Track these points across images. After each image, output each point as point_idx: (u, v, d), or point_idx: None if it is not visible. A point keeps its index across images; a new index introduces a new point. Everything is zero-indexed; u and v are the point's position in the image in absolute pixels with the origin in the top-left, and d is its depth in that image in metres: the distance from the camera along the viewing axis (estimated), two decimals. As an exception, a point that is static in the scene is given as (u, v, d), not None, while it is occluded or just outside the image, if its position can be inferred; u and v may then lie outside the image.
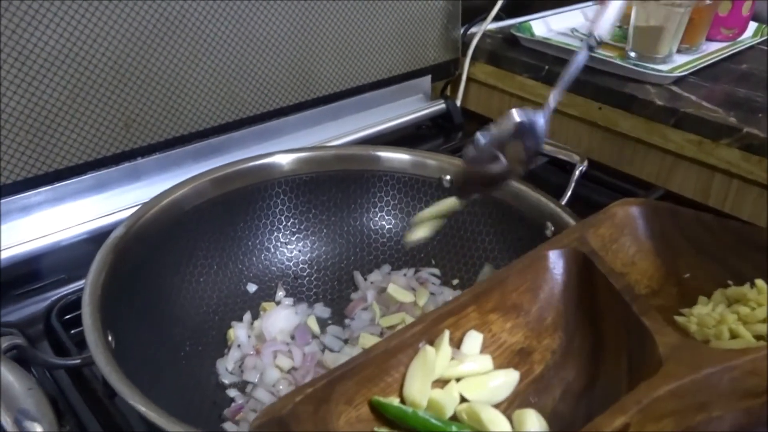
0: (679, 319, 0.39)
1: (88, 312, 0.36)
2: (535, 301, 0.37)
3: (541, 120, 0.43)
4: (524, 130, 0.42)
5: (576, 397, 0.34)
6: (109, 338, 0.36)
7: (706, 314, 0.38)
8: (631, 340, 0.34)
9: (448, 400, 0.33)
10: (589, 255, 0.37)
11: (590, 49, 0.45)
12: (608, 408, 0.29)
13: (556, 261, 0.38)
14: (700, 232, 0.43)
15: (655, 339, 0.32)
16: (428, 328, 0.34)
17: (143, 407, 0.31)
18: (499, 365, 0.36)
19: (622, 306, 0.34)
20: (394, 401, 0.32)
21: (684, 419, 0.30)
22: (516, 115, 0.42)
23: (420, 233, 0.46)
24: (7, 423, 0.28)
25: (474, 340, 0.35)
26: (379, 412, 0.31)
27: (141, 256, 0.45)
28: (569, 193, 0.55)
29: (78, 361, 0.38)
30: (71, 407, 0.43)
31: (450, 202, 0.47)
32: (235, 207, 0.52)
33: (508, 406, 0.34)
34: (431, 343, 0.34)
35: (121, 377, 0.33)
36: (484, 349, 0.36)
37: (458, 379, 0.34)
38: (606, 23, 0.46)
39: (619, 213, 0.42)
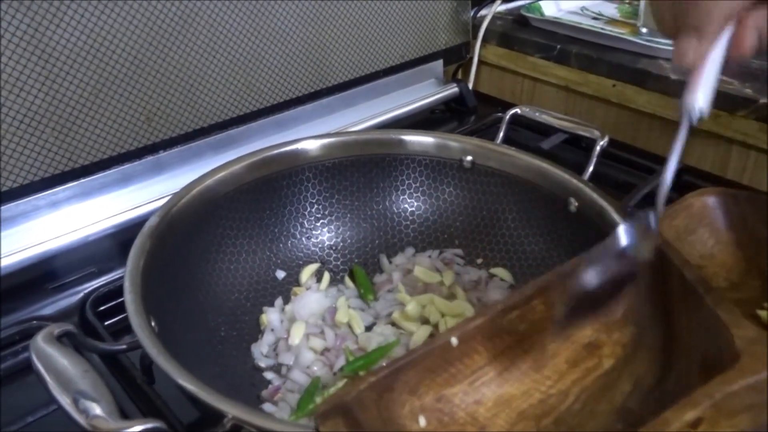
0: (761, 312, 0.38)
1: (130, 298, 0.37)
2: (605, 294, 0.37)
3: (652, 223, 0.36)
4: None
5: (646, 391, 0.34)
6: (152, 323, 0.37)
7: None
8: (705, 333, 0.33)
9: None
10: (662, 246, 0.36)
11: (691, 126, 0.37)
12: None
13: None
14: None
15: (731, 332, 0.30)
16: (491, 321, 0.34)
17: (194, 387, 0.32)
18: (566, 359, 0.35)
19: (695, 298, 0.33)
20: None
21: (760, 416, 0.29)
22: (623, 235, 0.35)
23: None
24: (66, 403, 0.29)
25: None
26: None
27: (174, 244, 0.46)
28: (591, 169, 0.56)
29: (125, 346, 0.39)
30: (111, 393, 0.44)
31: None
32: (261, 195, 0.53)
33: (575, 401, 0.34)
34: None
35: (169, 359, 0.34)
36: (551, 342, 0.35)
37: None
38: (706, 93, 0.37)
39: (696, 203, 0.40)
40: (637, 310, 0.36)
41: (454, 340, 0.32)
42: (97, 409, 0.29)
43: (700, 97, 0.36)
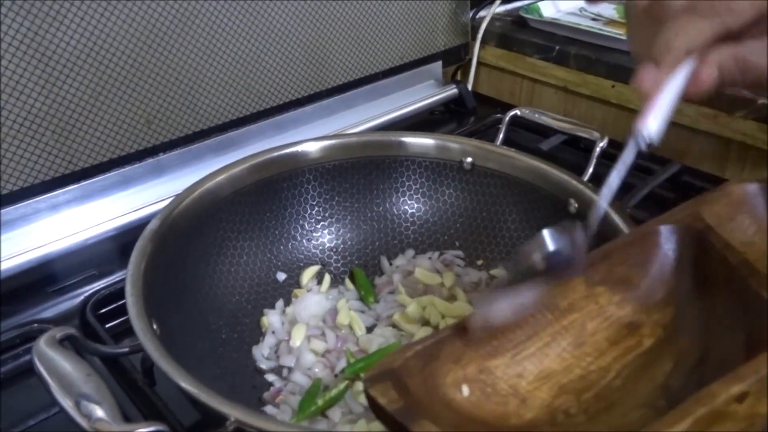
0: None
1: (132, 301, 0.37)
2: (645, 276, 0.37)
3: (580, 237, 0.34)
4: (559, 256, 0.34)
5: (688, 370, 0.34)
6: (154, 326, 0.37)
7: None
8: (748, 314, 0.33)
9: None
10: (704, 231, 0.36)
11: (640, 152, 0.37)
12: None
13: (668, 237, 0.37)
14: None
15: None
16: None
17: (197, 390, 0.32)
18: (606, 337, 0.35)
19: (738, 281, 0.34)
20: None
21: None
22: (549, 241, 0.34)
23: None
24: (69, 406, 0.29)
25: None
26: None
27: (175, 246, 0.46)
28: (591, 170, 0.56)
29: (127, 349, 0.39)
30: (114, 397, 0.44)
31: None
32: (262, 197, 0.53)
33: (616, 377, 0.34)
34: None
35: (171, 362, 0.34)
36: (590, 321, 0.35)
37: None
38: (657, 121, 0.36)
39: (736, 191, 0.40)
40: (677, 293, 0.37)
41: None
42: (99, 412, 0.29)
43: (652, 124, 0.36)
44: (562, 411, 0.33)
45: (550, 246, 0.33)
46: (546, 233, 0.34)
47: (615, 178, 0.36)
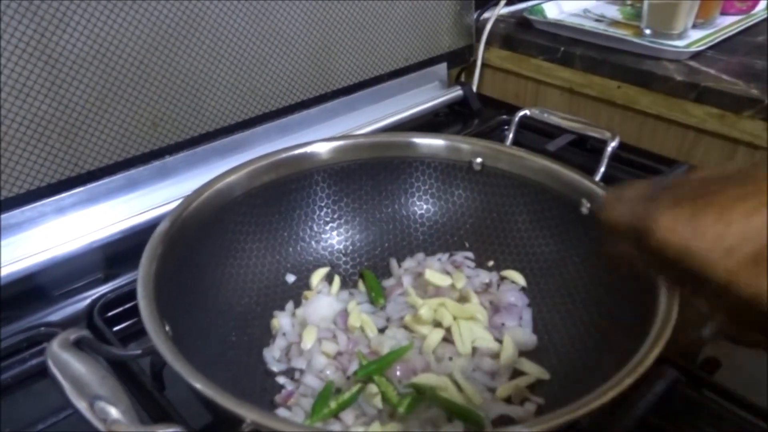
0: None
1: (144, 303, 0.37)
2: None
3: None
4: None
5: None
6: (167, 328, 0.36)
7: None
8: None
9: None
10: None
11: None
12: None
13: None
14: None
15: None
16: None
17: (213, 392, 0.32)
18: None
19: None
20: None
21: None
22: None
23: None
24: (84, 408, 0.29)
25: None
26: None
27: (185, 248, 0.45)
28: (603, 170, 0.56)
29: (139, 351, 0.39)
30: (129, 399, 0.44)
31: None
32: (271, 198, 0.53)
33: None
34: None
35: (185, 364, 0.33)
36: None
37: None
38: None
39: None
40: None
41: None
42: (116, 414, 0.28)
43: None
44: None
45: None
46: None
47: None
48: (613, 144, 0.57)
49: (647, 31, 0.83)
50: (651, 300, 0.40)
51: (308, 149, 0.53)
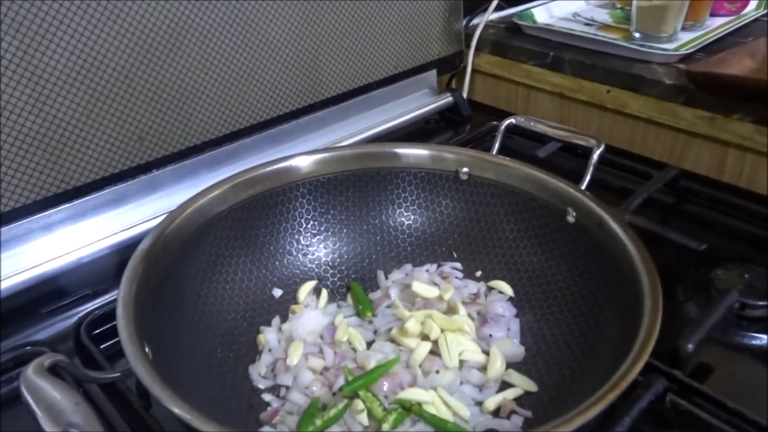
0: None
1: (123, 324, 0.37)
2: None
3: None
4: None
5: None
6: (146, 349, 0.36)
7: None
8: None
9: None
10: None
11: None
12: None
13: None
14: None
15: None
16: None
17: (190, 416, 0.31)
18: None
19: None
20: None
21: None
22: None
23: None
24: (57, 437, 0.28)
25: None
26: None
27: (168, 265, 0.45)
28: (588, 178, 0.55)
29: (118, 374, 0.38)
30: (107, 420, 0.44)
31: None
32: (255, 212, 0.52)
33: None
34: None
35: (164, 388, 0.33)
36: None
37: None
38: None
39: None
40: None
41: None
42: (89, 443, 0.28)
43: None
44: None
45: None
46: None
47: None
48: (598, 151, 0.57)
49: (636, 35, 0.82)
50: (636, 308, 0.39)
51: (291, 162, 0.53)
